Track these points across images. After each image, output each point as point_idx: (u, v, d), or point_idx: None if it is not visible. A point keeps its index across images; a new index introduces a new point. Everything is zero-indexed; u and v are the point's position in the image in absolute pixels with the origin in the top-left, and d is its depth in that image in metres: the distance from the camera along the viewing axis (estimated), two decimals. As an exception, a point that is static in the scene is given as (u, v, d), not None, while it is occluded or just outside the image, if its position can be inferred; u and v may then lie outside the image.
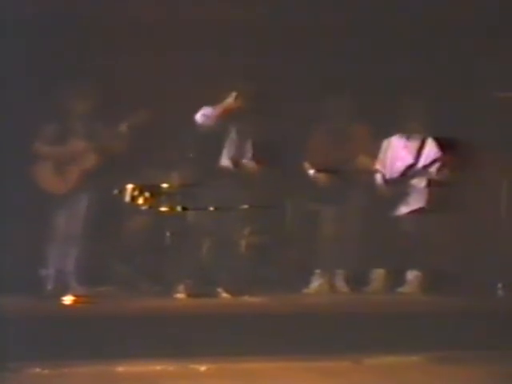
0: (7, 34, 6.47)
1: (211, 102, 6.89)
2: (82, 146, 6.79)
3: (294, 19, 7.28)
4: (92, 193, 6.74)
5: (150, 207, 6.65)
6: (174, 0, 7.24)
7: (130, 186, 6.63)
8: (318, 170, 7.05)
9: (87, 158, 6.78)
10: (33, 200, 6.54)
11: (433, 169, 7.08)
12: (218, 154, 6.90)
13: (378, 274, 6.90)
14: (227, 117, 6.82)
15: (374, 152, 7.16)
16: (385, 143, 7.17)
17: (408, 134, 7.15)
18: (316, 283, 6.94)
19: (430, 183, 7.08)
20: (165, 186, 6.67)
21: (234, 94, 6.81)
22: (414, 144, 7.15)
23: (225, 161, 6.88)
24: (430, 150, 7.11)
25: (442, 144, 7.11)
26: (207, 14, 7.22)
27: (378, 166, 7.15)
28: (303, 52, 7.31)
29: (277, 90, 7.04)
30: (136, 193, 6.63)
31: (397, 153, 7.17)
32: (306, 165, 7.11)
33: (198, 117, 6.81)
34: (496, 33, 7.09)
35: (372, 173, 7.12)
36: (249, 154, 6.89)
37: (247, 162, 6.88)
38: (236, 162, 6.90)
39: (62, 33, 6.76)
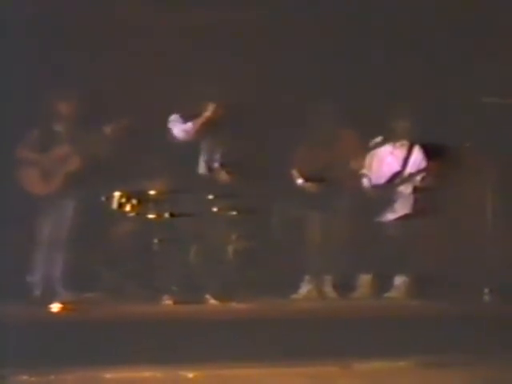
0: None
1: (196, 110, 6.89)
2: (68, 152, 6.77)
3: (280, 26, 7.32)
4: (79, 199, 6.73)
5: (138, 214, 6.67)
6: (163, 8, 7.25)
7: (117, 193, 6.65)
8: (305, 177, 7.06)
9: (73, 165, 6.75)
10: (19, 206, 6.52)
11: (419, 176, 7.11)
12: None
13: (366, 280, 6.91)
14: (207, 127, 6.81)
15: (361, 158, 7.18)
16: (372, 148, 7.20)
17: (395, 139, 7.18)
18: (304, 289, 6.94)
19: (416, 189, 7.11)
20: (152, 192, 6.69)
21: (212, 106, 6.80)
22: (400, 151, 7.18)
23: (203, 169, 6.87)
24: (417, 158, 7.15)
25: (428, 150, 7.15)
26: (195, 20, 7.26)
27: (364, 171, 7.19)
28: (290, 59, 7.34)
29: (263, 98, 7.09)
30: (123, 200, 6.65)
31: (383, 158, 7.20)
32: (294, 172, 7.13)
33: (178, 133, 6.80)
34: (482, 40, 7.14)
35: (359, 178, 7.15)
36: (235, 160, 6.89)
37: (230, 170, 6.87)
38: (220, 169, 6.89)
39: (48, 37, 6.75)
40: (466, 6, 7.04)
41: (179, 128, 6.87)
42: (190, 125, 6.83)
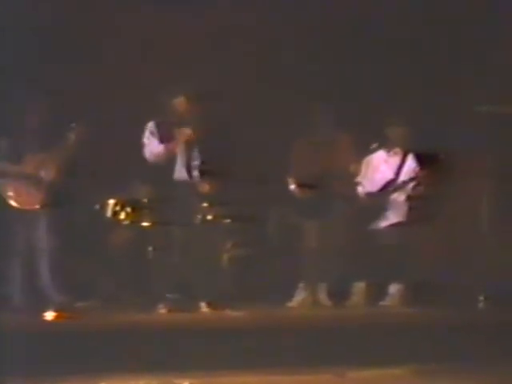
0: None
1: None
2: (45, 160, 6.70)
3: (278, 29, 7.34)
4: (73, 208, 6.71)
5: (132, 222, 6.67)
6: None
7: (111, 201, 6.65)
8: (300, 184, 7.07)
9: (60, 172, 6.68)
10: (9, 215, 6.51)
11: (412, 184, 7.12)
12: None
13: (361, 288, 6.92)
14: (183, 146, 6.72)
15: (356, 166, 7.19)
16: (367, 157, 7.22)
17: (389, 147, 7.20)
18: (299, 297, 6.95)
19: (410, 197, 7.12)
20: (146, 200, 6.69)
21: (185, 131, 6.70)
22: (394, 159, 7.20)
23: (197, 176, 6.83)
24: (410, 166, 7.16)
25: (422, 157, 7.16)
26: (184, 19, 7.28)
27: (358, 178, 7.20)
28: (286, 65, 7.36)
29: (260, 104, 7.10)
30: (118, 208, 6.64)
31: (377, 165, 7.22)
32: (289, 179, 7.13)
33: (148, 155, 6.74)
34: (480, 46, 7.16)
35: (354, 187, 7.16)
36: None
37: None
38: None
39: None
40: (465, 14, 7.06)
41: (151, 148, 6.74)
42: (160, 147, 6.72)
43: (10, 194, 6.60)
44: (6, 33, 6.57)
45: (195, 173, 6.82)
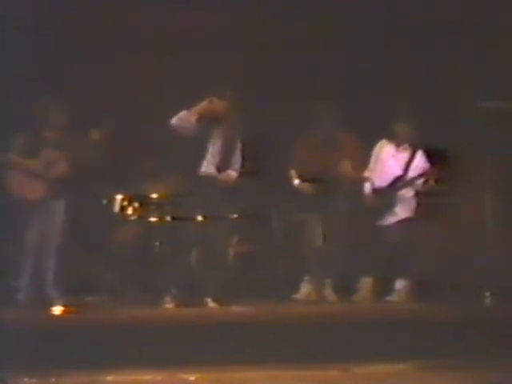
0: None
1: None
2: (58, 156, 6.70)
3: (282, 27, 7.35)
4: (81, 203, 6.73)
5: (139, 217, 6.69)
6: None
7: (119, 197, 6.66)
8: (305, 180, 7.07)
9: (63, 168, 6.69)
10: (16, 209, 6.53)
11: (420, 180, 7.12)
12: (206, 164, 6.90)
13: (366, 283, 6.93)
14: (206, 121, 6.71)
15: (361, 161, 7.19)
16: (375, 151, 7.21)
17: (397, 143, 7.19)
18: (304, 292, 6.96)
19: (417, 193, 7.12)
20: (154, 196, 6.70)
21: (209, 99, 6.71)
22: (403, 155, 7.18)
23: (210, 168, 6.81)
24: (419, 163, 7.15)
25: (429, 154, 7.15)
26: (188, 19, 7.28)
27: (366, 174, 7.19)
28: (291, 60, 7.37)
29: (263, 99, 7.10)
30: (125, 203, 6.66)
31: (385, 160, 7.20)
32: (294, 174, 7.13)
33: (174, 120, 6.70)
34: (482, 44, 7.15)
35: (360, 181, 7.16)
36: (236, 163, 6.88)
37: (233, 171, 6.85)
38: (222, 170, 6.86)
39: (39, 41, 6.72)
40: (466, 8, 7.05)
41: (176, 116, 6.69)
42: (185, 113, 6.70)
43: (17, 186, 6.62)
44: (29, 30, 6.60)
45: (232, 172, 6.79)
